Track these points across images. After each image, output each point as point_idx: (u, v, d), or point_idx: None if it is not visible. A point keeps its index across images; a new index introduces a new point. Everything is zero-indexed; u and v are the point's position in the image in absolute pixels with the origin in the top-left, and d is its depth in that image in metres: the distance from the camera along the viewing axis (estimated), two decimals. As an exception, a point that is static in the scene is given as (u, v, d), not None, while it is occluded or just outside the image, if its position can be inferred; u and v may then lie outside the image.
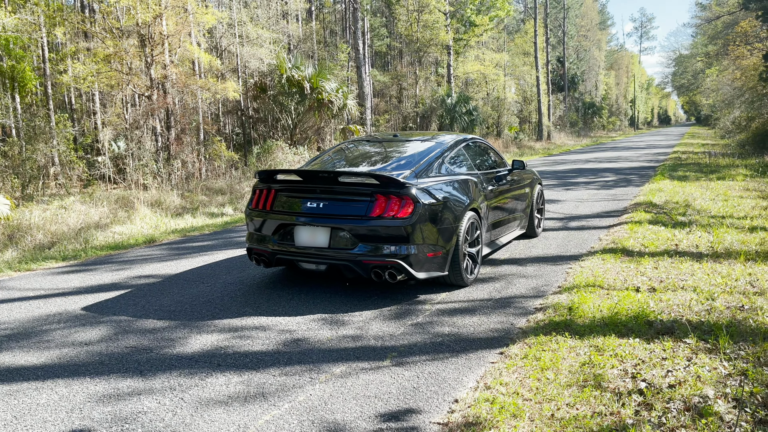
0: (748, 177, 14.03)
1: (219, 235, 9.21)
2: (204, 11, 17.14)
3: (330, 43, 35.40)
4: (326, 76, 19.75)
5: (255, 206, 5.63)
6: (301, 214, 5.33)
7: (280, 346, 4.22)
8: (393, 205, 5.03)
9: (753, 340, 3.96)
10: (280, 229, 5.42)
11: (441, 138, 6.54)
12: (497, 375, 3.62)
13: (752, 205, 9.78)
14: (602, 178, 15.99)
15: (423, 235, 5.10)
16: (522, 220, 7.62)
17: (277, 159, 17.63)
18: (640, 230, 7.92)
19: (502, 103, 38.62)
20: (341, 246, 5.13)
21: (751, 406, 3.08)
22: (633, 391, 3.31)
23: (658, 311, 4.61)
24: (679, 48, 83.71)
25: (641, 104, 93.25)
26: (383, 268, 5.05)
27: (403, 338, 4.34)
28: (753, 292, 5.06)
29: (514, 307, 5.04)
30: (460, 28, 31.29)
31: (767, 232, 7.50)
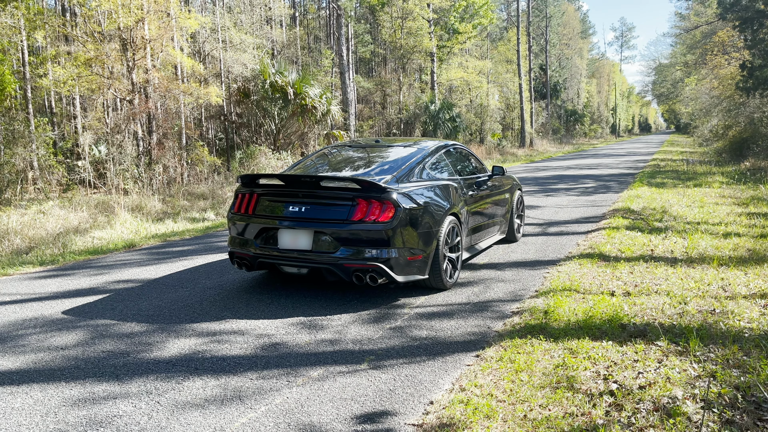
0: (724, 184, 14.29)
1: (200, 240, 9.18)
2: (187, 16, 17.09)
3: (314, 49, 35.45)
4: (310, 82, 19.78)
5: (237, 210, 5.64)
6: (284, 218, 5.34)
7: (258, 350, 4.23)
8: (374, 209, 5.08)
9: (723, 342, 4.05)
10: (262, 233, 5.44)
11: (422, 144, 6.63)
12: (472, 377, 3.66)
13: (727, 211, 9.97)
14: (582, 184, 16.18)
15: (403, 239, 5.15)
16: (502, 225, 7.72)
17: (260, 164, 17.60)
18: (618, 236, 8.04)
19: (485, 110, 38.91)
20: (323, 249, 5.16)
21: (719, 406, 3.16)
22: (604, 392, 3.38)
23: (631, 315, 4.70)
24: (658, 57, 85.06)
25: (622, 112, 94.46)
26: (364, 272, 5.08)
27: (381, 342, 4.37)
28: (724, 296, 5.17)
29: (491, 311, 5.10)
30: (443, 36, 31.51)
31: (740, 238, 7.66)
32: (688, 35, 40.26)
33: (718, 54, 28.97)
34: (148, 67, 15.72)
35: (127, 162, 14.85)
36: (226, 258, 7.42)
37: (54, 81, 16.94)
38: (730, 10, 18.94)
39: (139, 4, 15.09)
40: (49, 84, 17.02)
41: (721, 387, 3.36)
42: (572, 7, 67.51)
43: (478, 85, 37.23)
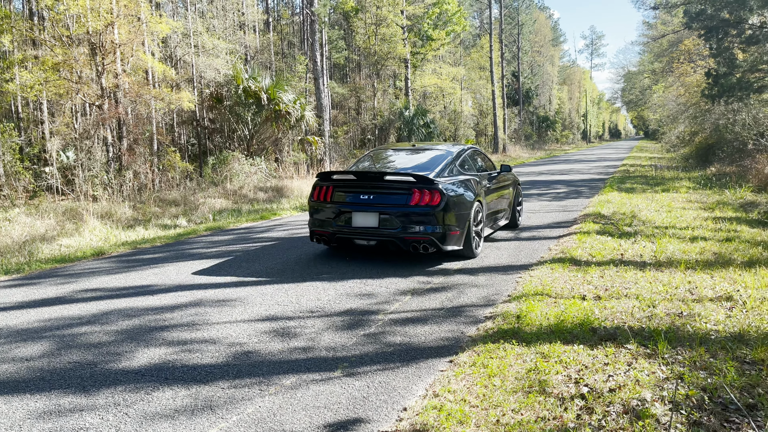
0: (690, 189, 14.61)
1: (171, 247, 9.05)
2: (158, 20, 16.89)
3: (288, 55, 35.32)
4: (284, 88, 19.70)
5: (316, 198, 7.27)
6: (356, 204, 6.97)
7: (229, 358, 4.18)
8: (425, 196, 6.74)
9: (690, 345, 4.13)
10: (339, 215, 7.02)
11: (449, 147, 8.30)
12: (446, 383, 3.67)
13: (694, 216, 10.19)
14: (554, 189, 16.39)
15: (446, 219, 6.79)
16: (507, 212, 9.36)
17: (233, 170, 17.45)
18: (588, 240, 8.15)
19: (459, 116, 39.20)
20: (387, 227, 6.77)
21: (687, 408, 3.21)
22: (575, 395, 3.42)
23: (602, 318, 4.76)
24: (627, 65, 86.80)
25: (593, 118, 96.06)
26: (419, 243, 6.76)
27: (354, 349, 4.35)
28: (691, 299, 5.27)
29: (464, 316, 5.12)
30: (417, 42, 31.68)
31: (707, 242, 7.83)
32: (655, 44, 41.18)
33: (684, 62, 29.69)
34: (117, 71, 15.48)
35: (96, 168, 14.58)
36: (204, 263, 7.34)
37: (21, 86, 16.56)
38: (695, 19, 19.42)
39: (109, 8, 14.87)
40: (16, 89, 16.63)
41: (688, 389, 3.42)
42: (543, 15, 68.52)
43: (451, 92, 37.51)
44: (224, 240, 9.54)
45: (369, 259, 7.47)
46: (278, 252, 8.19)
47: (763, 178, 13.36)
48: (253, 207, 14.50)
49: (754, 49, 18.75)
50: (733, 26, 18.51)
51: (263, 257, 7.82)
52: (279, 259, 7.69)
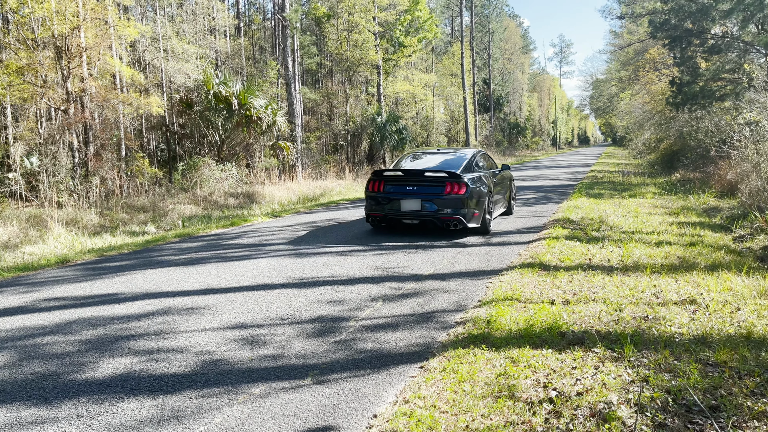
0: (656, 195, 14.93)
1: (139, 254, 8.89)
2: (126, 24, 16.64)
3: (259, 60, 35.11)
4: (255, 93, 19.57)
5: (371, 190, 9.65)
6: (403, 193, 9.31)
7: (197, 367, 4.12)
8: (455, 187, 9.08)
9: (655, 348, 4.21)
10: (390, 201, 9.36)
11: (466, 150, 10.86)
12: (416, 389, 3.67)
13: (659, 221, 10.41)
14: (524, 195, 16.58)
15: (470, 203, 9.17)
16: (505, 202, 11.74)
17: (203, 176, 17.25)
18: (557, 245, 8.26)
19: (431, 123, 39.43)
20: (427, 209, 9.13)
21: (652, 410, 3.27)
22: (544, 400, 3.45)
23: (570, 322, 4.82)
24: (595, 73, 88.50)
25: (562, 125, 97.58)
26: (450, 221, 9.14)
27: (325, 356, 4.33)
28: (657, 302, 5.38)
29: (435, 322, 5.13)
30: (389, 49, 31.79)
31: (671, 246, 8.00)
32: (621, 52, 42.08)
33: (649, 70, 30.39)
34: (84, 75, 15.19)
35: (61, 174, 14.26)
36: (173, 271, 7.22)
37: (-18, 89, 16.12)
38: (660, 29, 19.90)
39: (75, 12, 14.59)
40: (-23, 92, 16.19)
41: (653, 391, 3.49)
42: (513, 23, 69.49)
43: (423, 98, 37.71)
44: (194, 247, 9.41)
45: (341, 265, 7.45)
46: (248, 259, 8.12)
47: (725, 184, 13.72)
48: (224, 213, 14.34)
49: (716, 59, 19.30)
50: (696, 36, 19.03)
51: (233, 264, 7.74)
52: (249, 267, 7.62)
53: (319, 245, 9.07)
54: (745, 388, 3.49)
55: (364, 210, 10.03)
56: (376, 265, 7.45)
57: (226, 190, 17.07)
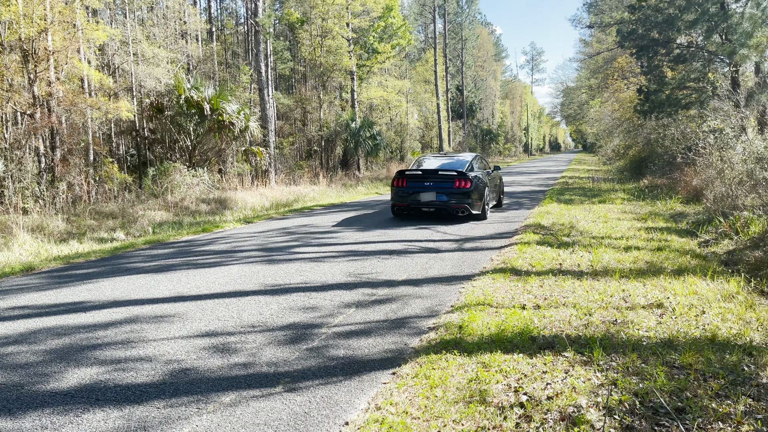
0: (625, 200, 15.20)
1: (107, 261, 8.72)
2: (94, 27, 16.37)
3: (232, 65, 34.85)
4: (227, 98, 19.41)
5: (396, 185, 12.07)
6: (422, 187, 11.80)
7: (166, 376, 4.04)
8: (462, 183, 11.54)
9: (623, 351, 4.27)
10: (412, 194, 11.83)
11: (467, 154, 13.53)
12: (388, 395, 3.66)
13: (628, 226, 10.60)
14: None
15: (474, 195, 11.68)
16: (496, 196, 14.37)
17: (174, 181, 17.02)
18: (529, 251, 8.35)
19: (405, 129, 39.59)
20: (441, 200, 11.59)
21: (620, 413, 3.31)
22: (515, 404, 3.47)
23: (541, 327, 4.87)
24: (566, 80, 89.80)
25: (534, 132, 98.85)
26: (459, 209, 11.67)
27: (297, 363, 4.29)
28: (625, 307, 5.47)
29: (408, 328, 5.14)
30: (363, 55, 31.85)
31: (640, 251, 8.15)
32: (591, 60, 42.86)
33: (618, 79, 31.00)
34: (51, 79, 14.88)
35: (27, 179, 13.92)
36: (142, 278, 7.10)
37: (-56, 92, 15.67)
38: (627, 38, 20.32)
39: (43, 15, 14.30)
40: (-62, 95, 15.73)
41: (621, 394, 3.54)
42: (486, 31, 70.28)
43: (397, 104, 37.85)
44: (164, 253, 9.27)
45: (313, 271, 7.42)
46: (219, 266, 8.03)
47: (691, 190, 14.04)
48: (195, 219, 14.17)
49: (682, 68, 19.78)
50: (662, 45, 19.48)
51: (204, 271, 7.64)
52: (220, 273, 7.54)
53: (292, 251, 9.02)
54: (710, 390, 3.57)
55: (391, 201, 12.54)
56: (350, 271, 7.43)
57: (198, 196, 16.87)
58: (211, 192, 17.79)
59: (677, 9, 17.91)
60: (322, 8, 27.93)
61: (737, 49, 14.97)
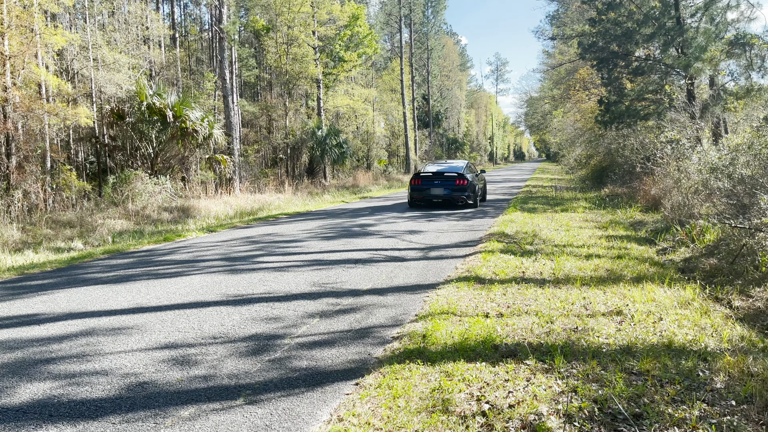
0: (587, 209, 15.51)
1: (63, 272, 8.46)
2: (53, 32, 15.97)
3: (196, 72, 34.41)
4: (191, 105, 19.14)
5: (414, 183, 16.87)
6: (433, 185, 16.58)
7: (122, 391, 3.93)
8: (461, 181, 16.38)
9: (584, 358, 4.34)
10: (425, 189, 16.60)
11: (461, 160, 18.98)
12: (351, 406, 3.64)
13: (589, 234, 10.81)
14: (462, 210, 16.87)
15: (469, 190, 16.45)
16: (482, 194, 18.89)
17: (135, 189, 16.66)
18: (493, 259, 8.43)
19: (372, 137, 39.67)
20: (446, 193, 16.39)
21: (579, 420, 3.36)
22: (477, 413, 3.48)
23: (504, 335, 4.91)
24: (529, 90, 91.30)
25: (499, 141, 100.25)
26: (459, 200, 16.51)
27: (258, 375, 4.23)
28: (586, 314, 5.55)
29: (372, 337, 5.12)
30: (329, 63, 31.85)
31: (600, 259, 8.31)
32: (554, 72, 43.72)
33: (580, 90, 31.69)
34: (7, 84, 14.44)
35: (-21, 187, 13.45)
36: (100, 289, 6.90)
37: None
38: (588, 50, 20.80)
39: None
40: None
41: (581, 401, 3.59)
42: (451, 41, 71.06)
43: (364, 113, 37.92)
44: (123, 264, 9.05)
45: (277, 281, 7.34)
46: (181, 276, 7.87)
47: (649, 199, 14.40)
48: (157, 228, 13.89)
49: (640, 80, 20.33)
50: (621, 58, 19.99)
51: (165, 281, 7.49)
52: (181, 284, 7.39)
53: (256, 261, 8.91)
54: (667, 396, 3.64)
55: (408, 195, 17.27)
56: (314, 281, 7.37)
57: (160, 204, 16.55)
58: (174, 200, 17.48)
59: (635, 23, 18.43)
60: (288, 16, 27.85)
61: (692, 63, 15.47)
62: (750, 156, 9.08)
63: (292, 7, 27.66)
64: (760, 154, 8.70)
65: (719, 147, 11.73)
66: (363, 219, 14.76)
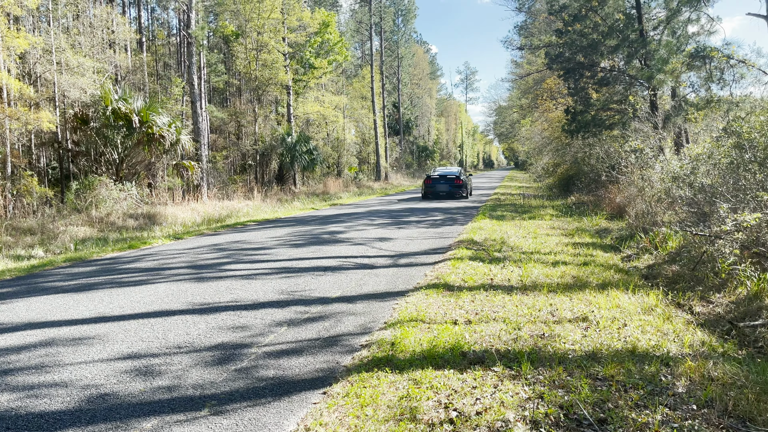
0: (554, 217, 15.73)
1: (23, 280, 8.22)
2: (15, 35, 15.58)
3: (163, 76, 33.93)
4: (158, 110, 18.86)
5: (426, 183, 24.72)
6: (439, 183, 24.53)
7: (83, 403, 3.83)
8: (459, 181, 24.45)
9: (550, 365, 4.38)
10: (434, 185, 24.52)
11: (456, 167, 28.40)
12: (318, 415, 3.60)
13: (556, 242, 10.96)
14: (432, 217, 16.95)
15: (464, 188, 24.74)
16: (470, 191, 26.38)
17: (100, 196, 16.31)
18: (462, 266, 8.48)
19: (342, 144, 39.64)
20: (448, 188, 24.42)
21: (546, 426, 3.38)
22: (445, 420, 3.48)
23: (472, 342, 4.93)
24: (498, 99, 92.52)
25: (468, 149, 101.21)
26: (457, 194, 24.48)
27: (224, 385, 4.16)
28: (553, 321, 5.62)
29: (341, 345, 5.08)
30: (299, 69, 31.75)
31: (567, 266, 8.43)
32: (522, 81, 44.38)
33: (547, 99, 32.20)
34: (-36, 87, 14.03)
35: (-65, 193, 13.00)
36: (61, 298, 6.71)
37: None
38: (555, 61, 21.19)
39: (-45, 17, 13.50)
40: None
41: (547, 407, 3.62)
42: (422, 50, 71.58)
43: (334, 120, 37.89)
44: (86, 272, 8.83)
45: (245, 289, 7.25)
46: (145, 284, 7.72)
47: (614, 207, 14.68)
48: (122, 235, 13.61)
49: (606, 90, 20.77)
50: (587, 68, 20.41)
51: (129, 290, 7.32)
52: (146, 292, 7.25)
53: (223, 269, 8.79)
54: (630, 401, 3.70)
55: (422, 191, 24.76)
56: (282, 289, 7.31)
57: (125, 211, 16.23)
58: (140, 207, 17.16)
59: (600, 35, 18.84)
60: (258, 22, 27.70)
61: (655, 74, 15.87)
62: (710, 165, 9.33)
63: (262, 13, 27.52)
64: (720, 163, 8.95)
65: (681, 156, 12.04)
66: (333, 226, 14.71)
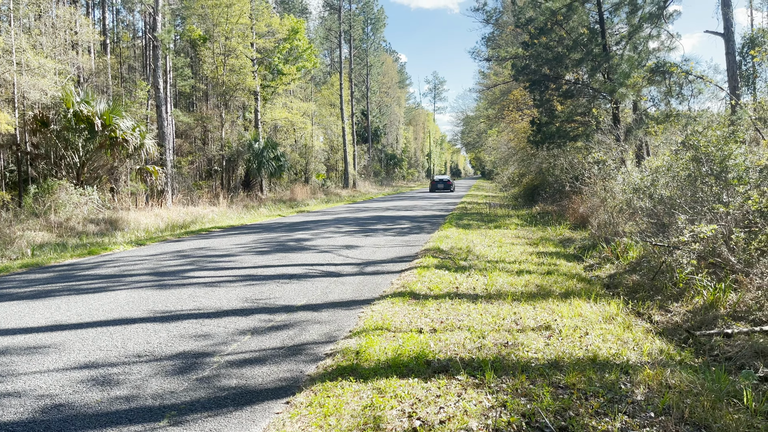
0: (519, 226, 15.94)
1: (-25, 287, 7.93)
2: (-29, 32, 15.09)
3: (128, 79, 33.31)
4: (121, 113, 18.49)
5: (432, 182, 46.16)
6: (439, 183, 45.76)
7: (36, 413, 3.70)
8: (449, 183, 45.83)
9: (513, 373, 4.42)
10: (438, 185, 45.62)
11: (447, 175, 71.68)
12: (280, 426, 3.56)
13: (521, 251, 11.10)
14: (399, 225, 16.99)
15: (453, 187, 46.42)
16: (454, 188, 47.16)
17: (59, 200, 15.87)
18: (428, 274, 8.51)
19: (310, 151, 39.50)
20: (445, 187, 45.60)
21: (508, 434, 3.40)
22: (408, 430, 3.48)
23: (436, 351, 4.95)
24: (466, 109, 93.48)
25: (436, 158, 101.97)
26: (448, 190, 45.10)
27: (185, 395, 4.08)
28: (516, 329, 5.68)
29: (305, 354, 5.04)
30: (267, 75, 31.55)
31: (531, 275, 8.54)
32: (489, 92, 45.01)
33: (513, 110, 32.69)
34: None
35: None
36: (16, 305, 6.48)
37: None
38: (521, 72, 21.54)
39: None
40: None
41: (510, 416, 3.64)
42: (391, 59, 72.00)
43: (302, 126, 37.74)
44: (42, 278, 8.57)
45: (208, 297, 7.13)
46: (105, 291, 7.53)
47: (578, 217, 14.96)
48: (82, 241, 13.26)
49: (570, 102, 21.20)
50: (552, 81, 20.81)
51: (88, 297, 7.13)
52: (105, 300, 7.07)
53: (186, 276, 8.64)
54: (591, 409, 3.76)
55: (429, 187, 48.26)
56: (247, 297, 7.21)
57: (86, 216, 15.83)
58: (101, 212, 16.77)
59: (565, 48, 19.24)
60: (226, 27, 27.46)
61: (617, 88, 16.27)
62: (669, 178, 9.59)
63: (230, 18, 27.30)
64: (678, 176, 9.21)
65: (641, 168, 12.34)
66: (299, 233, 14.61)
